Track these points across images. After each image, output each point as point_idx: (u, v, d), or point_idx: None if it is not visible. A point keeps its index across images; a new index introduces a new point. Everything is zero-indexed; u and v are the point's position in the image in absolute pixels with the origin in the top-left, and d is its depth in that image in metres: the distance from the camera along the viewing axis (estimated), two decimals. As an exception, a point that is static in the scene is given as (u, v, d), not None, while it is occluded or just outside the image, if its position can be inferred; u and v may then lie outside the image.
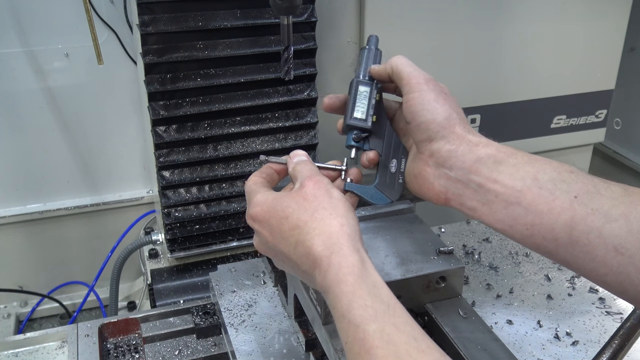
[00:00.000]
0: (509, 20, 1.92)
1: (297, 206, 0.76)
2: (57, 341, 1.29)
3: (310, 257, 0.72)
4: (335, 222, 0.73)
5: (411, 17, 1.81)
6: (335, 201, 0.76)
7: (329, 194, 0.76)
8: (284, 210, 0.76)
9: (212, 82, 1.61)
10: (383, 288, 0.69)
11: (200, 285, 1.73)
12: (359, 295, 0.67)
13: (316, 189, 0.77)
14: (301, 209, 0.75)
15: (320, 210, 0.74)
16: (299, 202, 0.76)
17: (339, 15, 1.80)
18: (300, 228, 0.74)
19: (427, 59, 1.88)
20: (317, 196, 0.76)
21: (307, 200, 0.76)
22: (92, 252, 2.29)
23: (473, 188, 0.78)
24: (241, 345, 1.10)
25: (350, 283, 0.68)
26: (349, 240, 0.72)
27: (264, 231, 0.79)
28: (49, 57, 2.00)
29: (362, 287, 0.68)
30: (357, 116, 0.85)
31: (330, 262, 0.70)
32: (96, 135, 2.15)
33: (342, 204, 0.76)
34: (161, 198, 1.68)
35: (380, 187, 0.86)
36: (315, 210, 0.75)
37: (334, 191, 0.77)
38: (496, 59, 1.96)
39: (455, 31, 1.87)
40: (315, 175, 0.79)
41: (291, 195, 0.78)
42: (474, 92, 1.99)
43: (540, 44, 1.99)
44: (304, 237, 0.73)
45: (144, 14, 1.51)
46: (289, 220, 0.75)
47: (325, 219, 0.73)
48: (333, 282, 0.69)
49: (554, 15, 1.96)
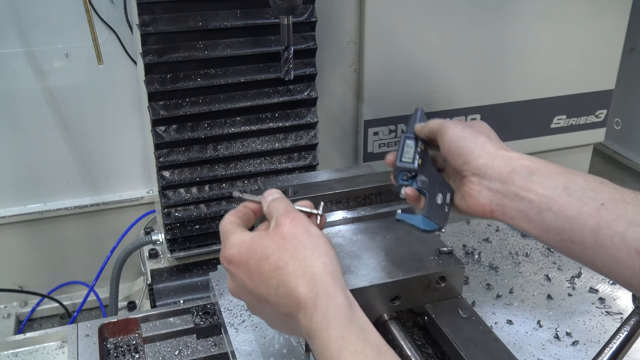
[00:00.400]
0: (509, 20, 1.92)
1: (277, 246, 0.73)
2: (57, 341, 1.29)
3: (293, 298, 0.70)
4: (318, 262, 0.72)
5: (411, 18, 1.81)
6: (315, 239, 0.74)
7: (307, 231, 0.75)
8: (263, 251, 0.74)
9: (212, 82, 1.61)
10: (372, 331, 0.69)
11: (200, 285, 1.73)
12: (348, 340, 0.66)
13: (294, 226, 0.75)
14: (281, 249, 0.73)
15: (301, 250, 0.72)
16: (278, 241, 0.74)
17: (339, 15, 1.80)
18: (281, 269, 0.72)
19: (427, 59, 1.88)
20: (296, 234, 0.74)
21: (287, 240, 0.74)
22: (92, 252, 2.29)
23: (510, 197, 0.85)
24: (241, 345, 1.10)
25: (338, 327, 0.67)
26: (333, 280, 0.71)
27: (241, 274, 0.76)
28: (49, 57, 2.00)
29: (351, 331, 0.67)
30: (404, 160, 1.00)
31: (317, 304, 0.69)
32: (96, 135, 2.15)
33: (323, 241, 0.74)
34: (161, 198, 1.68)
35: (428, 215, 0.97)
36: (296, 249, 0.72)
37: (313, 228, 0.76)
38: (496, 59, 1.96)
39: (456, 31, 1.87)
40: (291, 212, 0.77)
41: (269, 234, 0.75)
42: (474, 92, 1.99)
43: (540, 44, 1.99)
44: (285, 277, 0.71)
45: (144, 14, 1.51)
46: (269, 261, 0.73)
47: (308, 258, 0.72)
48: (320, 325, 0.68)
49: (554, 15, 1.96)
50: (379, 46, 1.82)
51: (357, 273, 1.07)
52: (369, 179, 1.25)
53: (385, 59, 1.84)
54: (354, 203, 1.22)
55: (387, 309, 1.09)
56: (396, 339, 1.06)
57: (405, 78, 1.88)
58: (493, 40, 1.93)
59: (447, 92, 1.95)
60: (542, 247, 1.45)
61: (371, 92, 1.87)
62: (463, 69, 1.94)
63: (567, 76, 2.08)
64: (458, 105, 1.98)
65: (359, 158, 1.97)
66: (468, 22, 1.87)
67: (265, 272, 0.73)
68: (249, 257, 0.75)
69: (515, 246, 1.45)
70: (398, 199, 1.24)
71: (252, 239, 0.76)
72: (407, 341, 1.05)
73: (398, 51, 1.84)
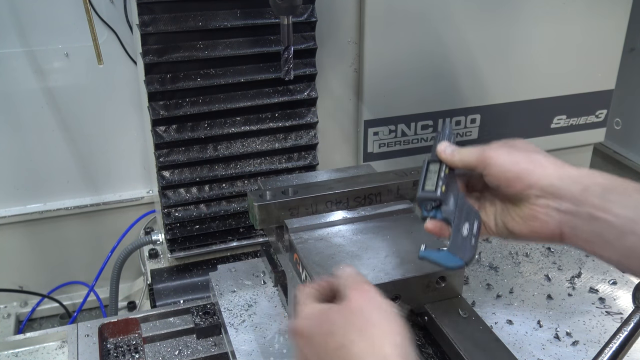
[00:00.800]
0: (509, 20, 1.92)
1: (344, 321, 0.67)
2: (57, 341, 1.29)
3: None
4: (388, 343, 0.65)
5: (411, 18, 1.81)
6: (387, 316, 0.68)
7: (377, 305, 0.69)
8: (329, 327, 0.68)
9: (212, 82, 1.61)
10: None
11: (200, 285, 1.73)
12: None
13: (362, 300, 0.70)
14: (348, 325, 0.67)
15: (370, 328, 0.66)
16: (346, 315, 0.68)
17: (339, 15, 1.79)
18: (346, 348, 0.65)
19: (427, 59, 1.88)
20: (364, 309, 0.68)
21: (354, 314, 0.68)
22: (92, 252, 2.29)
23: (585, 219, 0.76)
24: (241, 345, 1.10)
25: None
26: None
27: (305, 349, 0.70)
28: (49, 57, 2.00)
29: None
30: (427, 189, 0.91)
31: None
32: (96, 135, 2.15)
33: (394, 318, 0.68)
34: (161, 198, 1.68)
35: (453, 250, 0.88)
36: (364, 327, 0.67)
37: (383, 303, 0.70)
38: (496, 59, 1.96)
39: (456, 31, 1.87)
40: (360, 285, 0.72)
41: (337, 308, 0.70)
42: (474, 92, 1.99)
43: (540, 44, 1.99)
44: (351, 357, 0.65)
45: (144, 14, 1.51)
46: (335, 338, 0.67)
47: (377, 337, 0.66)
48: None
49: (554, 15, 1.96)
50: (379, 46, 1.82)
51: (357, 273, 1.07)
52: (369, 179, 1.25)
53: (385, 59, 1.84)
54: (354, 203, 1.22)
55: (387, 309, 1.09)
56: (396, 339, 1.06)
57: (405, 78, 1.88)
58: (493, 40, 1.93)
59: (447, 92, 1.95)
60: (542, 247, 1.45)
61: (371, 92, 1.87)
62: (463, 68, 1.94)
63: (567, 76, 2.08)
64: (458, 105, 1.98)
65: (359, 158, 1.97)
66: (468, 22, 1.87)
67: (330, 350, 0.67)
68: (315, 333, 0.69)
69: (515, 246, 1.45)
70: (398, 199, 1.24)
71: (321, 311, 0.71)
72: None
73: (398, 51, 1.84)
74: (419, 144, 1.97)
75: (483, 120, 2.03)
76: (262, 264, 1.32)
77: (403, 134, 1.94)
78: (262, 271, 1.31)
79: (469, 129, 2.03)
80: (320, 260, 1.05)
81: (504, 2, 1.89)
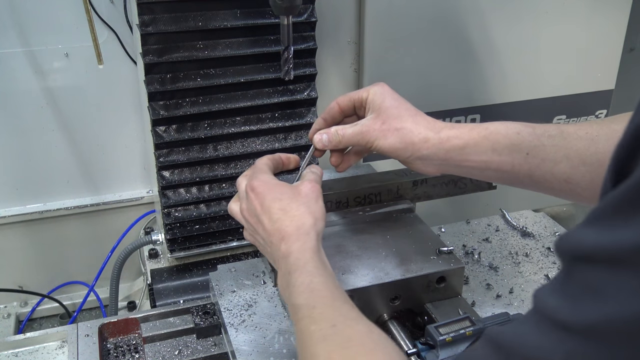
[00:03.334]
0: (509, 20, 1.92)
1: (291, 196, 0.96)
2: (57, 341, 1.29)
3: (282, 232, 0.93)
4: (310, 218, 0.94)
5: (411, 17, 1.81)
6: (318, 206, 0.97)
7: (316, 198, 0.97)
8: (280, 195, 0.96)
9: (212, 82, 1.61)
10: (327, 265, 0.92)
11: (200, 285, 1.73)
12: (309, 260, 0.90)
13: (310, 190, 0.98)
14: (292, 199, 0.96)
15: (304, 206, 0.95)
16: (294, 194, 0.97)
17: (339, 15, 1.80)
18: (284, 211, 0.94)
19: (427, 59, 1.88)
20: (308, 196, 0.97)
21: (300, 195, 0.96)
22: (92, 252, 2.28)
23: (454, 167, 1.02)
24: (241, 345, 1.10)
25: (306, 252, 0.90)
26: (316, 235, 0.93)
27: (255, 201, 0.97)
28: (49, 57, 1.99)
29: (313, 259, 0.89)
30: None
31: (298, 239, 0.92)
32: (96, 135, 2.15)
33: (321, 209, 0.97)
34: (161, 198, 1.68)
35: None
36: (301, 204, 0.95)
37: (321, 200, 0.98)
38: (496, 59, 1.96)
39: (456, 31, 1.87)
40: (314, 182, 1.00)
41: (290, 187, 0.99)
42: (474, 92, 1.99)
43: (540, 44, 1.99)
44: (284, 216, 0.94)
45: (144, 14, 1.51)
46: (281, 203, 0.95)
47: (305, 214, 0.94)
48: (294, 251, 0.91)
49: (554, 15, 1.96)
50: (379, 46, 1.82)
51: (357, 273, 1.07)
52: (369, 179, 1.25)
53: (385, 59, 1.84)
54: (354, 203, 1.22)
55: (387, 309, 1.09)
56: (396, 339, 1.06)
57: (405, 78, 1.88)
58: (493, 40, 1.93)
59: (446, 92, 1.96)
60: (542, 247, 1.45)
61: (371, 92, 1.87)
62: (463, 68, 1.94)
63: (567, 76, 2.08)
64: (458, 105, 1.99)
65: (359, 158, 1.97)
66: (468, 22, 1.87)
67: (273, 207, 0.95)
68: (269, 194, 0.97)
69: (515, 246, 1.45)
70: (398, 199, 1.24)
71: (278, 183, 0.99)
72: (407, 341, 1.05)
73: (398, 51, 1.84)
74: (419, 144, 1.97)
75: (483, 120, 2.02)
76: (262, 264, 1.32)
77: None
78: (262, 271, 1.31)
79: (469, 129, 2.03)
80: (320, 260, 1.05)
81: (504, 2, 1.89)
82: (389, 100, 1.04)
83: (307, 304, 0.83)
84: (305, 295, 0.84)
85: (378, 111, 1.04)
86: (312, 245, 0.90)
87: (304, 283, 0.85)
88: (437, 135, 0.99)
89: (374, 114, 1.05)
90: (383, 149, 1.03)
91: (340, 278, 1.06)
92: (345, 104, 1.11)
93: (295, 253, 0.90)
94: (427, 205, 1.35)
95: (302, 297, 0.84)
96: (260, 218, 0.96)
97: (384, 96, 1.05)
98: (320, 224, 0.95)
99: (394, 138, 1.01)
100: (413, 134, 1.00)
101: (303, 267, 0.88)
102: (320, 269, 0.87)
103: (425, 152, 1.00)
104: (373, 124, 1.03)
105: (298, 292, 0.85)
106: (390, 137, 1.01)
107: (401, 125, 1.01)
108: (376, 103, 1.05)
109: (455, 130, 0.99)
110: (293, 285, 0.86)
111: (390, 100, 1.04)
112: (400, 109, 1.03)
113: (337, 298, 0.84)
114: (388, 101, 1.04)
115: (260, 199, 0.97)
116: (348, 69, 1.86)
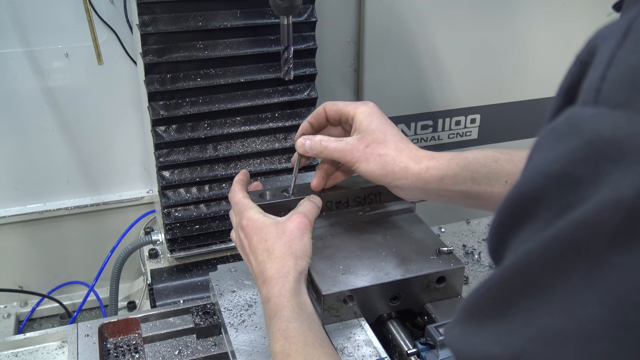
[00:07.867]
0: (509, 21, 1.92)
1: (276, 235, 0.98)
2: (57, 341, 1.29)
3: (265, 275, 0.96)
4: (291, 262, 0.96)
5: (411, 17, 1.81)
6: (303, 244, 0.98)
7: (301, 235, 0.98)
8: (265, 236, 0.98)
9: (212, 82, 1.61)
10: (309, 306, 0.94)
11: (200, 285, 1.73)
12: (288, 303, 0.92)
13: (296, 227, 0.99)
14: (277, 239, 0.97)
15: (287, 247, 0.97)
16: (279, 232, 0.98)
17: (339, 15, 1.80)
18: (269, 252, 0.97)
19: (427, 59, 1.88)
20: (293, 234, 0.98)
21: (285, 234, 0.98)
22: (92, 252, 2.28)
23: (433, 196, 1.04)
24: (241, 345, 1.10)
25: (285, 297, 0.92)
26: (296, 277, 0.95)
27: (245, 240, 1.01)
28: (49, 57, 1.99)
29: (293, 301, 0.92)
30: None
31: (277, 283, 0.94)
32: (96, 135, 2.15)
33: (307, 246, 0.99)
34: (161, 198, 1.68)
35: None
36: (285, 244, 0.97)
37: (307, 235, 1.00)
38: (496, 59, 1.96)
39: (455, 31, 1.87)
40: (305, 216, 1.01)
41: (276, 225, 0.99)
42: (474, 92, 1.99)
43: (540, 44, 1.99)
44: (268, 260, 0.97)
45: (144, 14, 1.51)
46: (266, 244, 0.98)
47: (287, 256, 0.96)
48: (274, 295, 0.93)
49: (554, 15, 1.96)
50: (379, 46, 1.82)
51: (357, 273, 1.07)
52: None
53: (385, 59, 1.84)
54: (354, 203, 1.22)
55: (387, 309, 1.09)
56: (396, 339, 1.06)
57: (405, 78, 1.88)
58: (493, 40, 1.93)
59: (447, 92, 1.96)
60: (542, 247, 1.44)
61: (371, 92, 1.87)
62: (463, 68, 1.94)
63: (567, 76, 2.08)
64: (458, 105, 1.99)
65: (359, 158, 1.97)
66: (468, 22, 1.88)
67: (258, 249, 0.98)
68: (255, 234, 0.99)
69: (515, 246, 1.45)
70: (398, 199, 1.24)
71: (264, 222, 1.00)
72: (407, 341, 1.05)
73: (398, 51, 1.84)
74: (418, 144, 1.97)
75: (483, 120, 2.03)
76: (262, 264, 1.32)
77: (403, 133, 1.94)
78: (262, 271, 1.31)
79: (469, 129, 2.04)
80: (320, 260, 1.06)
81: (504, 2, 1.89)
82: (376, 124, 1.03)
83: (281, 351, 0.86)
84: (281, 343, 0.87)
85: (364, 133, 1.03)
86: (289, 287, 0.92)
87: (280, 329, 0.88)
88: (417, 166, 1.00)
89: (360, 135, 1.03)
90: (363, 173, 1.03)
91: (340, 278, 1.06)
92: (331, 114, 1.10)
93: (274, 298, 0.92)
94: (427, 205, 1.34)
95: (278, 344, 0.87)
96: (249, 257, 1.00)
97: (371, 118, 1.04)
98: (301, 263, 0.96)
99: (376, 164, 1.01)
100: (395, 163, 1.01)
101: (280, 312, 0.90)
102: (296, 312, 0.89)
103: (404, 182, 1.01)
104: (358, 144, 1.02)
105: (275, 339, 0.88)
106: (372, 162, 1.01)
107: (385, 151, 1.01)
108: (363, 124, 1.03)
109: (435, 160, 1.00)
110: (271, 332, 0.89)
111: (377, 124, 1.03)
112: (387, 134, 1.03)
113: (309, 344, 0.86)
114: (375, 124, 1.03)
115: (249, 239, 1.00)
116: (348, 69, 1.86)
